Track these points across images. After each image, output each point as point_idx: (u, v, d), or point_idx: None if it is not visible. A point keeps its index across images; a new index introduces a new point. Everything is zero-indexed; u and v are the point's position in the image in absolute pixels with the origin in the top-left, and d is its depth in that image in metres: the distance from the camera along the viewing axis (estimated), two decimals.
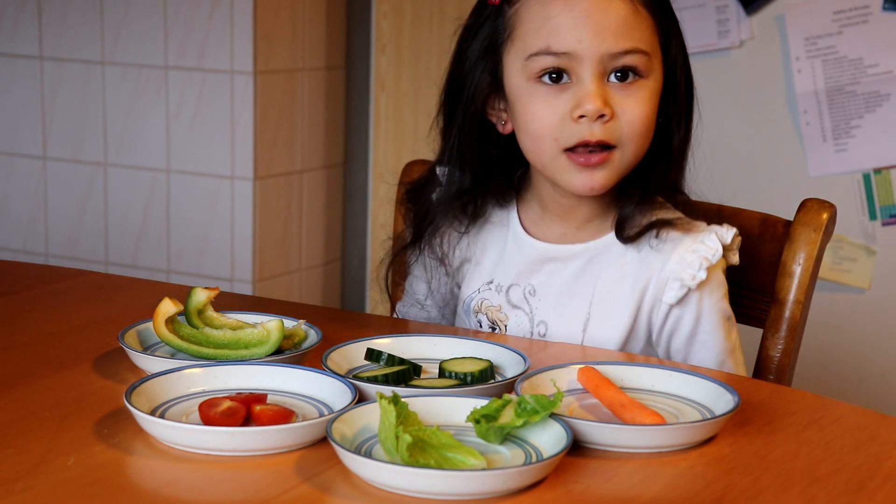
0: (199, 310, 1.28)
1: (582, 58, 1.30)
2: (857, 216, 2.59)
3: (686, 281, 1.35)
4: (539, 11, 1.32)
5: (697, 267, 1.35)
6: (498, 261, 1.45)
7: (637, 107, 1.32)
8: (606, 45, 1.30)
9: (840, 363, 2.64)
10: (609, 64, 1.31)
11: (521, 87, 1.34)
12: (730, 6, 2.63)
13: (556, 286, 1.41)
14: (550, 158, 1.34)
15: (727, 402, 1.10)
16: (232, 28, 2.55)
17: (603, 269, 1.40)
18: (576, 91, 1.31)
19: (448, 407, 1.08)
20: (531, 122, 1.33)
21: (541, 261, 1.43)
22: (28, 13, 2.79)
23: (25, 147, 2.85)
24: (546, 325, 1.42)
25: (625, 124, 1.32)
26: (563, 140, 1.32)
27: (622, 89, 1.32)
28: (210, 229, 2.69)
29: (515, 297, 1.43)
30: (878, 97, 2.55)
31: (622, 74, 1.31)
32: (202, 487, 0.97)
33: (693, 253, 1.35)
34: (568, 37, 1.29)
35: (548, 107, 1.32)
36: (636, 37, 1.31)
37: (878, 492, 0.98)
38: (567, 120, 1.31)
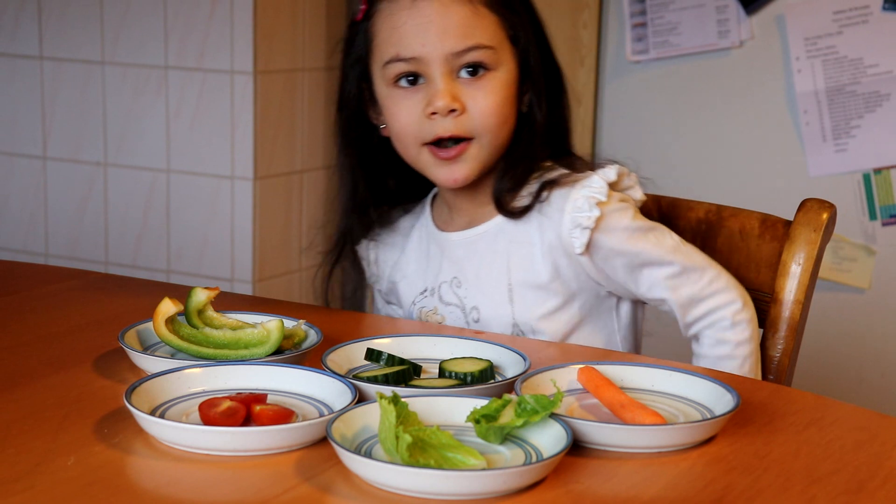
0: (199, 310, 1.28)
1: (429, 60, 1.40)
2: (857, 216, 2.59)
3: (584, 223, 1.40)
4: (388, 22, 1.43)
5: (588, 208, 1.40)
6: (425, 267, 1.53)
7: (487, 98, 1.41)
8: (449, 45, 1.40)
9: (840, 363, 2.64)
10: (455, 62, 1.41)
11: (384, 93, 1.46)
12: (730, 6, 2.63)
13: (474, 270, 1.48)
14: (415, 155, 1.45)
15: (727, 402, 1.10)
16: (232, 28, 2.55)
17: (510, 242, 1.46)
18: (428, 90, 1.42)
19: (448, 407, 1.08)
20: (394, 122, 1.45)
21: (455, 250, 1.50)
22: (28, 13, 2.79)
23: (25, 147, 2.85)
24: (478, 310, 1.47)
25: (477, 115, 1.41)
26: (421, 136, 1.43)
27: (472, 83, 1.41)
28: (210, 229, 2.69)
29: (446, 294, 1.50)
30: (878, 97, 2.55)
31: (472, 70, 1.41)
32: (202, 487, 0.97)
33: (582, 198, 1.41)
34: (413, 42, 1.40)
35: (405, 107, 1.43)
36: (478, 34, 1.40)
37: (878, 492, 0.98)
38: (422, 118, 1.42)
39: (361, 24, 1.46)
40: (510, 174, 1.45)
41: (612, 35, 2.76)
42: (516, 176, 1.45)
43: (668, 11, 2.68)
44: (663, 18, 2.69)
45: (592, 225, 1.40)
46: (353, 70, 1.48)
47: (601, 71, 2.79)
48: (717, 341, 1.43)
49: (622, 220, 1.42)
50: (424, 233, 1.54)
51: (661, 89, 2.73)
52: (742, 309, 1.43)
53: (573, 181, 1.43)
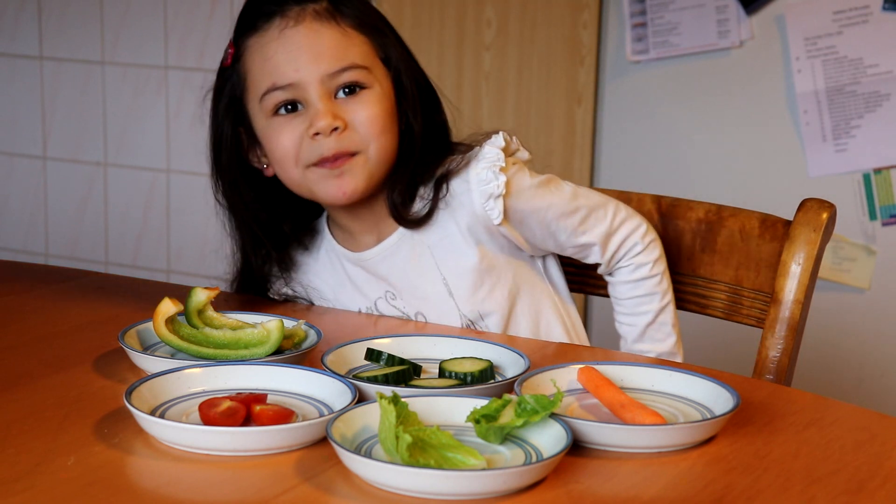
0: (199, 310, 1.28)
1: (305, 84, 1.41)
2: (857, 216, 2.59)
3: (494, 192, 1.42)
4: (259, 55, 1.43)
5: (494, 177, 1.42)
6: (351, 291, 1.52)
7: (367, 109, 1.42)
8: (324, 66, 1.40)
9: (840, 363, 2.64)
10: (331, 83, 1.41)
11: (264, 126, 1.44)
12: (730, 6, 2.63)
13: (404, 278, 1.48)
14: (299, 178, 1.44)
15: (727, 402, 1.10)
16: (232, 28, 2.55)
17: (428, 238, 1.47)
18: (308, 114, 1.41)
19: (448, 407, 1.08)
20: (275, 150, 1.43)
21: (377, 267, 1.49)
22: (28, 13, 2.79)
23: (25, 147, 2.85)
24: (423, 315, 1.48)
25: (360, 127, 1.41)
26: (303, 159, 1.42)
27: (351, 101, 1.42)
28: (210, 229, 2.69)
29: (385, 309, 1.50)
30: (878, 97, 2.55)
31: (349, 90, 1.42)
32: (202, 487, 0.97)
33: (483, 171, 1.43)
34: (287, 69, 1.41)
35: (287, 132, 1.42)
36: (350, 55, 1.42)
37: (878, 492, 0.98)
38: (305, 140, 1.41)
39: (232, 68, 1.46)
40: (398, 187, 1.45)
41: (612, 35, 2.76)
42: (404, 185, 1.45)
43: (668, 11, 2.68)
44: (663, 18, 2.69)
45: (503, 191, 1.42)
46: (227, 114, 1.47)
47: (601, 71, 2.79)
48: (635, 266, 1.48)
49: (524, 180, 1.44)
50: (334, 258, 1.53)
51: (661, 89, 2.73)
52: (647, 231, 1.49)
53: (466, 162, 1.44)
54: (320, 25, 1.41)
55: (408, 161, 1.46)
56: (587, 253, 1.49)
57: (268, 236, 1.50)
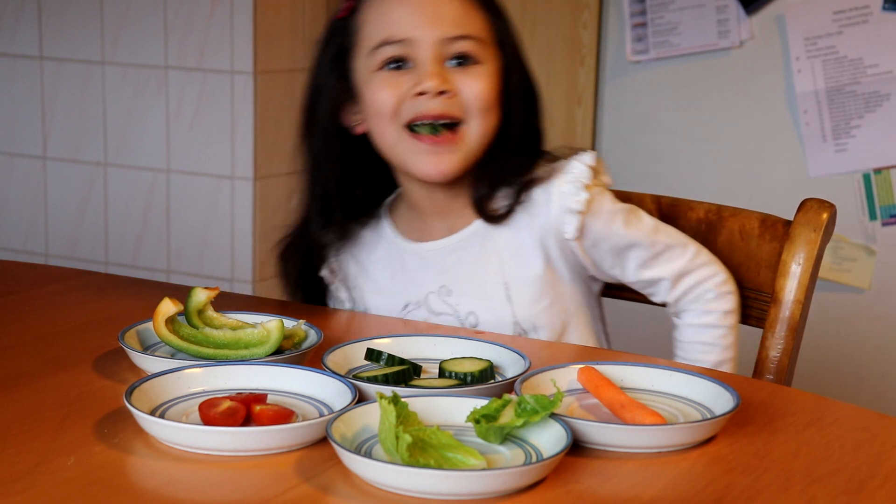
0: (199, 310, 1.28)
1: (420, 43, 1.39)
2: (857, 216, 2.59)
3: (574, 207, 1.40)
4: (377, 9, 1.42)
5: (576, 192, 1.40)
6: (403, 282, 1.49)
7: (478, 83, 1.40)
8: (442, 30, 1.39)
9: (840, 363, 2.64)
10: (445, 49, 1.39)
11: (367, 79, 1.42)
12: (730, 6, 2.63)
13: (465, 276, 1.46)
14: (395, 139, 1.41)
15: (727, 402, 1.10)
16: (232, 28, 2.55)
17: (499, 239, 1.45)
18: (416, 73, 1.40)
19: (448, 407, 1.08)
20: (373, 104, 1.41)
21: (439, 260, 1.47)
22: (28, 13, 2.78)
23: (25, 147, 2.85)
24: (475, 315, 1.45)
25: (468, 98, 1.40)
26: (402, 116, 1.40)
27: (461, 71, 1.40)
28: (210, 229, 2.69)
29: (436, 305, 1.47)
30: (878, 97, 2.55)
31: (461, 61, 1.40)
32: (202, 487, 0.97)
33: (567, 184, 1.41)
34: (405, 25, 1.39)
35: (389, 88, 1.40)
36: (469, 25, 1.40)
37: (878, 492, 0.98)
38: (407, 98, 1.39)
39: (345, 21, 1.44)
40: (487, 179, 1.43)
41: (612, 35, 2.76)
42: (493, 178, 1.43)
43: (668, 11, 2.68)
44: (663, 18, 2.69)
45: (583, 208, 1.40)
46: (332, 66, 1.45)
47: (601, 71, 2.79)
48: (703, 312, 1.46)
49: (605, 202, 1.43)
50: (392, 247, 1.50)
51: (661, 89, 2.73)
52: (726, 281, 1.46)
53: (552, 172, 1.43)
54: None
55: (500, 154, 1.43)
56: (655, 289, 1.46)
57: (340, 199, 1.48)
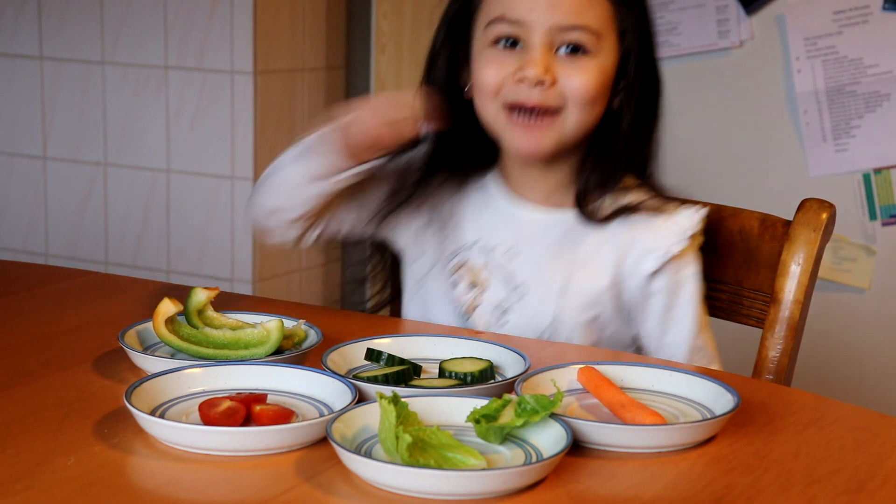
0: (199, 310, 1.28)
1: (532, 26, 1.38)
2: (857, 216, 2.59)
3: (667, 249, 1.40)
4: None
5: (677, 238, 1.41)
6: (480, 223, 1.48)
7: (582, 76, 1.39)
8: (557, 17, 1.38)
9: (840, 363, 2.64)
10: (558, 37, 1.38)
11: (479, 51, 1.43)
12: (730, 6, 2.63)
13: (538, 248, 1.45)
14: (493, 115, 1.42)
15: (727, 402, 1.10)
16: (232, 28, 2.55)
17: (585, 235, 1.44)
18: (523, 56, 1.39)
19: (448, 407, 1.08)
20: (479, 77, 1.42)
21: (522, 222, 1.47)
22: (28, 13, 2.79)
23: (25, 147, 2.85)
24: (526, 287, 1.45)
25: (568, 91, 1.39)
26: (502, 96, 1.40)
27: (569, 61, 1.39)
28: (210, 229, 2.69)
29: (499, 259, 1.46)
30: (878, 97, 2.55)
31: (572, 49, 1.39)
32: (202, 487, 0.97)
33: (673, 224, 1.41)
34: (522, 6, 1.38)
35: (496, 66, 1.40)
36: (587, 16, 1.38)
37: (878, 492, 0.98)
38: (510, 80, 1.39)
39: None
40: (597, 171, 1.42)
41: None
42: (603, 175, 1.42)
43: (668, 11, 2.68)
44: (663, 18, 2.69)
45: (675, 253, 1.41)
46: (453, 27, 1.46)
47: None
48: None
49: (691, 267, 1.44)
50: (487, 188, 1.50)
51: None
52: None
53: (662, 209, 1.42)
54: None
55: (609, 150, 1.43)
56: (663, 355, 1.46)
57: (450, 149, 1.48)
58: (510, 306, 1.45)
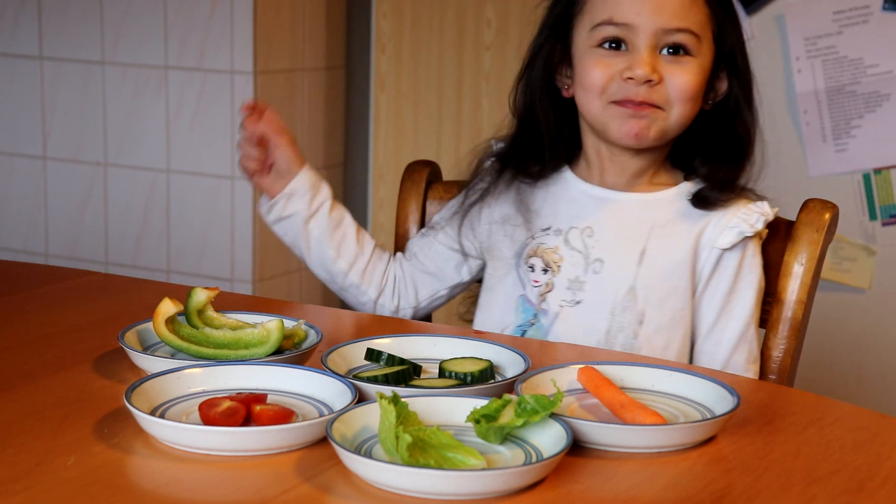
0: (199, 310, 1.28)
1: (639, 29, 1.45)
2: (857, 216, 2.59)
3: (744, 229, 1.46)
4: None
5: (756, 219, 1.46)
6: (554, 209, 1.54)
7: (684, 75, 1.46)
8: (662, 20, 1.45)
9: (840, 363, 2.64)
10: (662, 39, 1.45)
11: (585, 52, 1.49)
12: None
13: (613, 225, 1.50)
14: (600, 110, 1.48)
15: (727, 402, 1.10)
16: (232, 28, 2.55)
17: (659, 212, 1.50)
18: (629, 57, 1.46)
19: (448, 407, 1.08)
20: (586, 77, 1.48)
21: (597, 203, 1.51)
22: (28, 13, 2.79)
23: (25, 147, 2.85)
24: (602, 262, 1.49)
25: (671, 89, 1.45)
26: (609, 94, 1.46)
27: (672, 61, 1.46)
28: (210, 229, 2.69)
29: (574, 240, 1.51)
30: (878, 97, 2.55)
31: (673, 50, 1.46)
32: (202, 487, 0.97)
33: (750, 209, 1.48)
34: (628, 10, 1.45)
35: (603, 65, 1.46)
36: (690, 19, 1.46)
37: (878, 492, 0.98)
38: (617, 79, 1.46)
39: None
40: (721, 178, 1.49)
41: None
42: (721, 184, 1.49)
43: None
44: None
45: (751, 234, 1.46)
46: (555, 26, 1.51)
47: None
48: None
49: (759, 257, 1.49)
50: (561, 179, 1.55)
51: None
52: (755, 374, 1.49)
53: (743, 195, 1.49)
54: None
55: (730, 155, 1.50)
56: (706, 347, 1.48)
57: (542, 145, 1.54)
58: (586, 280, 1.48)
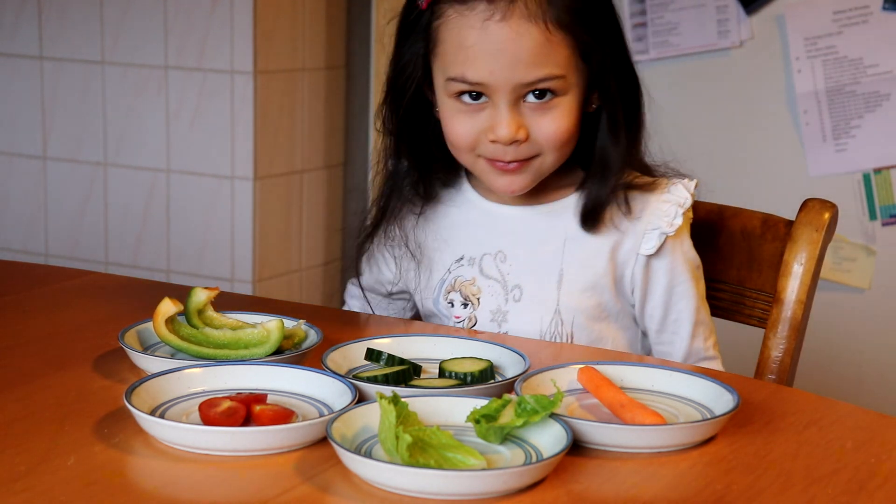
0: (199, 310, 1.28)
1: (496, 87, 1.35)
2: (857, 216, 2.59)
3: (664, 229, 1.41)
4: (457, 37, 1.36)
5: (673, 214, 1.41)
6: (462, 236, 1.48)
7: (553, 123, 1.37)
8: (519, 75, 1.34)
9: (840, 363, 2.64)
10: (523, 90, 1.35)
11: (444, 101, 1.40)
12: (730, 6, 2.63)
13: (524, 247, 1.45)
14: (470, 164, 1.42)
15: (727, 402, 1.10)
16: (232, 28, 2.55)
17: (569, 225, 1.44)
18: (491, 113, 1.37)
19: (448, 407, 1.08)
20: (451, 134, 1.40)
21: (505, 224, 1.46)
22: (28, 13, 2.79)
23: (25, 147, 2.85)
24: (520, 289, 1.44)
25: (542, 139, 1.37)
26: (479, 151, 1.39)
27: (539, 108, 1.36)
28: (210, 229, 2.69)
29: (488, 268, 1.46)
30: (878, 97, 2.55)
31: (539, 93, 1.36)
32: (202, 487, 0.97)
33: (665, 203, 1.41)
34: (481, 68, 1.34)
35: (465, 124, 1.38)
36: (550, 63, 1.35)
37: (878, 492, 0.98)
38: (483, 138, 1.38)
39: (425, 18, 1.38)
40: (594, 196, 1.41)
41: None
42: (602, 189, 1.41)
43: (668, 11, 2.68)
44: (663, 18, 2.69)
45: (672, 232, 1.41)
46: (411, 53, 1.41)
47: None
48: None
49: (686, 241, 1.45)
50: (463, 200, 1.49)
51: (661, 89, 2.73)
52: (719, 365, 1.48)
53: (652, 186, 1.43)
54: (527, 25, 1.33)
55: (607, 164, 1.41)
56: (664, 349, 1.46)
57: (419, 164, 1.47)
58: (508, 310, 1.45)
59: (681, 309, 1.44)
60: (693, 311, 1.45)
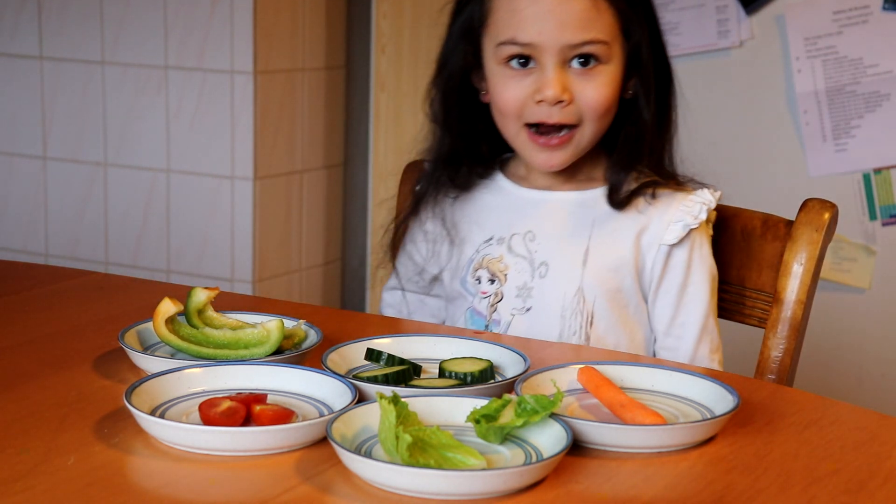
0: (199, 310, 1.28)
1: (544, 48, 1.42)
2: (857, 216, 2.59)
3: (688, 221, 1.45)
4: (508, 4, 1.44)
5: (699, 210, 1.45)
6: (493, 219, 1.52)
7: (596, 90, 1.43)
8: (566, 37, 1.41)
9: (840, 363, 2.64)
10: (569, 53, 1.42)
11: (493, 69, 1.47)
12: (730, 6, 2.62)
13: (554, 227, 1.49)
14: (514, 133, 1.47)
15: (727, 402, 1.10)
16: (232, 28, 2.55)
17: (598, 209, 1.48)
18: (538, 76, 1.43)
19: (448, 407, 1.08)
20: (499, 100, 1.46)
21: (535, 205, 1.50)
22: (28, 13, 2.78)
23: (25, 147, 2.85)
24: (547, 265, 1.48)
25: (584, 106, 1.44)
26: (524, 117, 1.45)
27: (583, 74, 1.43)
28: (210, 229, 2.69)
29: (517, 246, 1.50)
30: (878, 97, 2.55)
31: (584, 60, 1.43)
32: (202, 487, 0.97)
33: (692, 200, 1.46)
34: (531, 29, 1.42)
35: (513, 88, 1.44)
36: (596, 28, 1.42)
37: (878, 492, 0.98)
38: (530, 101, 1.44)
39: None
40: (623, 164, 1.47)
41: None
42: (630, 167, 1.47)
43: (668, 11, 2.68)
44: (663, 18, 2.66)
45: (695, 224, 1.45)
46: (462, 34, 1.49)
47: None
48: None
49: (706, 246, 1.48)
50: (497, 187, 1.54)
51: None
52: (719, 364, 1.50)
53: (682, 188, 1.47)
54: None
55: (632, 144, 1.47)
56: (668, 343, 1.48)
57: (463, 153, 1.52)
58: (534, 286, 1.47)
59: (690, 311, 1.46)
60: (702, 317, 1.47)
